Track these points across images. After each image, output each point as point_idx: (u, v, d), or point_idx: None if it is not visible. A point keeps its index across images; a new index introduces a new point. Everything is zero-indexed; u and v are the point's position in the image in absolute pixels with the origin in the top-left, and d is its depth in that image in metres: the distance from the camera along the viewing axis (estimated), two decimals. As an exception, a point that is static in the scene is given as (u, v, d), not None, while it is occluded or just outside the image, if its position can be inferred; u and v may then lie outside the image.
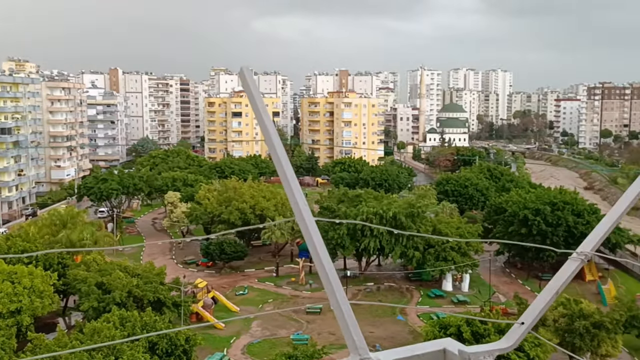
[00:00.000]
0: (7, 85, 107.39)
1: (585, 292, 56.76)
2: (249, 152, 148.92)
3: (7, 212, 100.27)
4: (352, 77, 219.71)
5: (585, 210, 66.51)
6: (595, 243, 3.19)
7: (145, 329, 37.08)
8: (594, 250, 3.19)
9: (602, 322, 39.40)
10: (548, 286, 3.26)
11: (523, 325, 3.26)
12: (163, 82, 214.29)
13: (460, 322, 37.30)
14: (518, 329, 3.26)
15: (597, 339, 39.14)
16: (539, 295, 3.29)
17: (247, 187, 79.08)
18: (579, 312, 40.12)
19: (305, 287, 63.33)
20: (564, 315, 40.09)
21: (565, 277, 3.22)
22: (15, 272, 41.86)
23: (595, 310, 41.13)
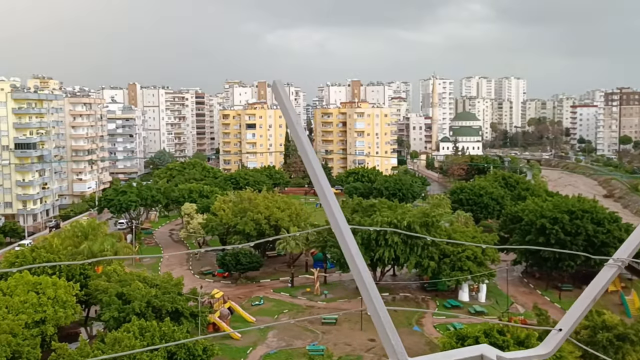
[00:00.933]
0: (32, 102, 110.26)
1: (608, 303, 55.48)
2: (263, 163, 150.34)
3: (32, 224, 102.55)
4: (364, 88, 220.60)
5: (605, 218, 65.31)
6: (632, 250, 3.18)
7: (164, 338, 38.03)
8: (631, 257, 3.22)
9: (627, 334, 38.34)
10: (585, 293, 3.24)
11: (561, 332, 3.20)
12: (179, 95, 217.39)
13: (477, 333, 37.14)
14: (556, 336, 3.22)
15: (621, 351, 38.08)
16: (576, 301, 3.26)
17: (261, 198, 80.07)
18: (601, 324, 39.11)
19: (321, 298, 63.87)
20: (586, 327, 39.20)
21: (602, 284, 3.17)
22: (39, 283, 43.13)
23: (619, 321, 40.10)
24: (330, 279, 70.24)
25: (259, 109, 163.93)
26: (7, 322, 36.21)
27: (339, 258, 63.70)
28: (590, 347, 38.05)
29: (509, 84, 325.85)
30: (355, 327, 54.86)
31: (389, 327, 3.01)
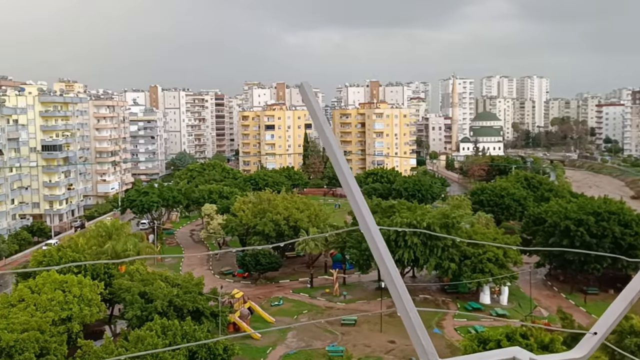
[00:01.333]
0: (58, 105, 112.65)
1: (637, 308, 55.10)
2: (282, 164, 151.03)
3: (58, 224, 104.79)
4: (383, 88, 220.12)
5: (633, 220, 63.85)
6: None
7: (186, 337, 38.65)
8: None
9: (657, 340, 37.24)
10: (622, 295, 3.19)
11: (596, 335, 3.14)
12: (199, 97, 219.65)
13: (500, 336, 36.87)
14: (591, 339, 3.15)
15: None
16: (611, 304, 3.21)
17: (280, 198, 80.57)
18: (629, 329, 37.92)
19: (340, 299, 64.05)
20: (613, 331, 38.78)
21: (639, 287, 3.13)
22: (66, 282, 44.16)
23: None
24: (350, 280, 70.42)
25: (278, 110, 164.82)
26: (35, 319, 37.22)
27: (357, 259, 63.89)
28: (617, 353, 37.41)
29: (531, 83, 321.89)
30: (375, 329, 54.95)
31: (420, 327, 2.98)
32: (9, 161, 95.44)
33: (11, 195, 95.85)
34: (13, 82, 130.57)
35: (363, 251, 62.75)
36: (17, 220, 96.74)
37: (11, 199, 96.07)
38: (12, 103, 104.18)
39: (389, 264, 3.00)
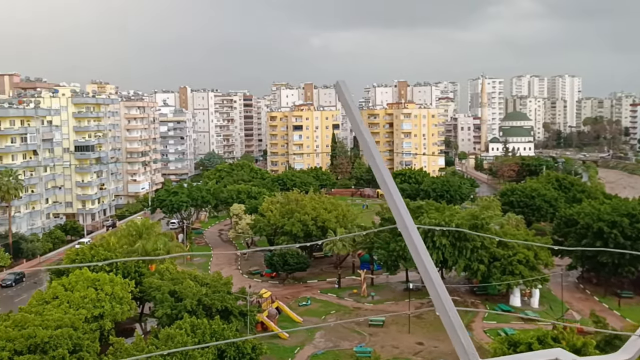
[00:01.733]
0: (90, 106, 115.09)
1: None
2: (310, 164, 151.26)
3: (91, 223, 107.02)
4: (410, 88, 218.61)
5: (669, 222, 62.03)
6: None
7: (214, 336, 38.95)
8: None
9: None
10: None
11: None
12: (228, 98, 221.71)
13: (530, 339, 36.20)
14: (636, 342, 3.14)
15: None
16: None
17: (308, 199, 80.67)
18: None
19: (367, 299, 63.82)
20: None
21: None
22: (98, 280, 45.03)
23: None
24: (377, 280, 70.08)
25: (306, 111, 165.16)
26: (68, 316, 38.02)
27: (385, 260, 63.54)
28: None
29: (562, 82, 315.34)
30: (403, 330, 54.56)
31: (460, 327, 2.95)
32: (43, 161, 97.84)
33: (45, 194, 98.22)
34: (47, 84, 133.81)
35: (391, 252, 62.37)
36: (51, 219, 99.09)
37: (45, 199, 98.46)
38: (47, 104, 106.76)
39: (427, 264, 2.95)
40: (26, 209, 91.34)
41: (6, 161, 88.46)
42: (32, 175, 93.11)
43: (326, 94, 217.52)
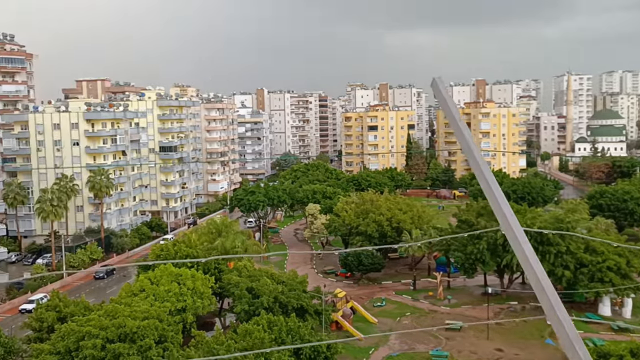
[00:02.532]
0: (174, 109, 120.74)
1: None
2: (385, 165, 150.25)
3: (173, 220, 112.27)
4: (489, 87, 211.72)
5: None
6: None
7: (290, 333, 39.61)
8: None
9: None
10: None
11: None
12: (303, 99, 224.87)
13: (622, 351, 34.04)
14: None
15: None
16: None
17: (383, 199, 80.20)
18: None
19: (444, 302, 62.56)
20: None
21: None
22: (180, 275, 47.13)
23: None
24: (454, 283, 68.54)
25: (381, 111, 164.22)
26: (154, 308, 40.07)
27: (463, 262, 61.97)
28: None
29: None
30: (481, 336, 53.00)
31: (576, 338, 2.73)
32: (131, 161, 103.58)
33: (133, 192, 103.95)
34: (135, 88, 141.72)
35: (468, 255, 60.78)
36: (138, 216, 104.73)
37: (133, 197, 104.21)
38: (134, 107, 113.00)
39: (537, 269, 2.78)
40: (116, 206, 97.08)
41: (98, 161, 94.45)
42: (121, 175, 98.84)
43: (401, 93, 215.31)
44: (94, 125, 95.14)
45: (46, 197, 78.35)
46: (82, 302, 44.22)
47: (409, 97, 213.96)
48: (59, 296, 44.02)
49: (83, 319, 38.35)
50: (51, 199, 78.19)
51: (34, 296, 64.53)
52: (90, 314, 39.80)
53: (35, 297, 63.38)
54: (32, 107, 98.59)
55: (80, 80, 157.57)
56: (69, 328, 36.95)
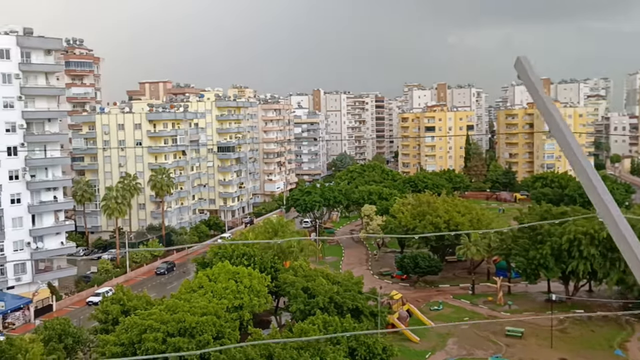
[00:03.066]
0: (232, 109, 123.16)
1: None
2: (443, 166, 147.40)
3: (231, 219, 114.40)
4: (554, 86, 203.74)
5: None
6: None
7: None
8: None
9: None
10: None
11: None
12: (359, 100, 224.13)
13: None
14: None
15: None
16: None
17: (441, 201, 78.60)
18: None
19: (504, 308, 60.53)
20: None
21: None
22: (238, 273, 47.77)
23: None
24: (515, 289, 66.21)
25: (439, 112, 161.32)
26: (212, 304, 40.77)
27: (525, 268, 59.74)
28: None
29: None
30: (544, 344, 50.86)
31: None
32: (190, 161, 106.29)
33: (192, 192, 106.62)
34: (195, 89, 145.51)
35: (531, 260, 58.55)
36: (197, 215, 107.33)
37: (192, 195, 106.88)
38: (194, 108, 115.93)
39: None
40: (176, 205, 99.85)
41: (160, 160, 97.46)
42: (180, 174, 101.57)
43: (460, 94, 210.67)
44: (156, 125, 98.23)
45: (111, 195, 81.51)
46: (144, 297, 45.59)
47: (467, 98, 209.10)
48: (123, 290, 45.57)
49: (145, 313, 39.51)
50: (116, 196, 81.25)
51: (100, 289, 67.32)
52: (152, 309, 40.95)
53: (101, 290, 66.09)
54: (99, 109, 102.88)
55: (143, 82, 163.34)
56: (132, 321, 38.15)
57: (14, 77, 64.12)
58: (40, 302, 62.67)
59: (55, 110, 68.79)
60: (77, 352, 42.94)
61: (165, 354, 35.83)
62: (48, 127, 67.86)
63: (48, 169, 67.76)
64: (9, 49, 64.00)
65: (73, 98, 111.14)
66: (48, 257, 66.76)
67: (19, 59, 64.67)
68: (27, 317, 59.98)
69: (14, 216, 63.89)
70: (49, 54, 68.04)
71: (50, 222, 67.07)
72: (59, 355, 34.77)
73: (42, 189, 66.61)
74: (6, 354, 32.49)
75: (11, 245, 63.41)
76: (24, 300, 60.06)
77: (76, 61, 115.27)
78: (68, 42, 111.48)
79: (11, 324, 57.95)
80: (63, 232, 69.10)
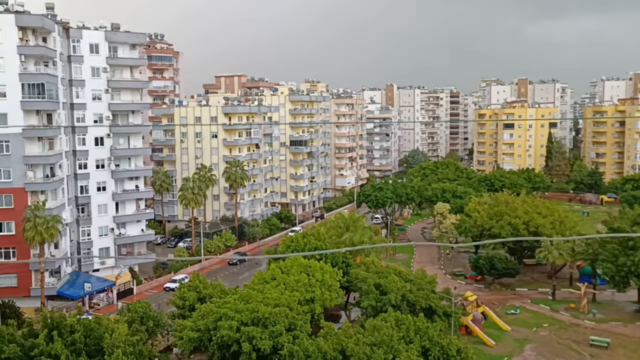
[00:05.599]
0: (305, 104, 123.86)
1: None
2: (521, 165, 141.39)
3: (301, 213, 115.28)
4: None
5: None
6: None
7: (419, 333, 38.16)
8: None
9: None
10: None
11: None
12: (434, 95, 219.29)
13: None
14: None
15: None
16: None
17: (520, 201, 75.14)
18: None
19: (588, 316, 56.95)
20: None
21: None
22: (310, 266, 47.66)
23: None
24: (600, 297, 62.14)
25: (519, 108, 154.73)
26: (284, 296, 40.84)
27: (613, 275, 55.83)
28: None
29: None
30: (634, 356, 47.31)
31: None
32: (263, 154, 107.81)
33: (264, 184, 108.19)
34: (268, 83, 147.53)
35: (620, 266, 54.61)
36: (268, 207, 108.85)
37: (264, 188, 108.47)
38: (267, 102, 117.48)
39: None
40: (248, 197, 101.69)
41: (234, 153, 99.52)
42: (254, 167, 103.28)
43: (542, 89, 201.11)
44: (231, 118, 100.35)
45: (188, 186, 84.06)
46: (219, 285, 46.42)
47: (551, 93, 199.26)
48: (199, 278, 46.63)
49: (220, 301, 40.16)
50: (192, 187, 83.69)
51: (177, 276, 69.64)
52: (227, 297, 41.58)
53: (177, 277, 68.38)
54: (177, 102, 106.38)
55: (219, 75, 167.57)
56: (208, 308, 38.89)
57: (102, 71, 67.29)
58: (122, 285, 65.66)
59: (138, 103, 71.62)
60: (156, 334, 44.45)
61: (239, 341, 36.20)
62: (132, 119, 70.78)
63: (131, 159, 70.74)
64: (98, 44, 67.22)
65: (153, 91, 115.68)
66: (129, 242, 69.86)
67: (106, 54, 67.76)
68: (111, 299, 63.00)
69: (100, 203, 67.24)
70: (134, 49, 70.85)
71: (132, 209, 70.05)
72: (141, 336, 35.98)
73: (125, 178, 69.66)
74: (94, 332, 33.97)
75: (97, 231, 66.82)
76: (108, 283, 63.10)
77: (157, 55, 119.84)
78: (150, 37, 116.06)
79: (96, 305, 61.08)
80: (143, 220, 72.02)
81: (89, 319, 36.14)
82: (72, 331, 34.06)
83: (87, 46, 66.42)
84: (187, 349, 38.74)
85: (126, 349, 33.01)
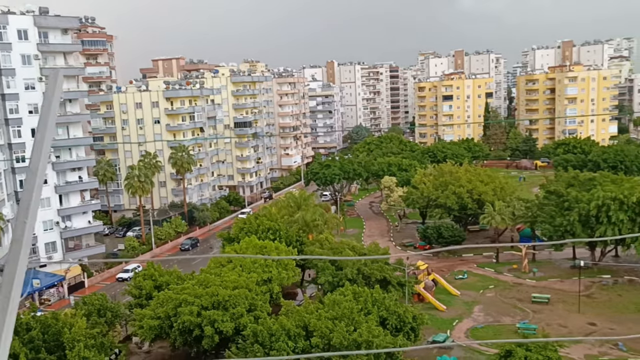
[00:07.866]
0: (247, 84, 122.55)
1: None
2: (461, 135, 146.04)
3: (249, 194, 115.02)
4: (577, 49, 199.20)
5: None
6: None
7: (376, 304, 39.65)
8: None
9: None
10: None
11: None
12: (374, 70, 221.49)
13: None
14: None
15: None
16: None
17: (463, 171, 78.11)
18: None
19: (529, 275, 60.55)
20: None
21: None
22: (265, 247, 48.22)
23: None
24: (539, 256, 66.05)
25: (456, 80, 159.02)
26: (242, 278, 41.30)
27: (551, 235, 59.43)
28: None
29: None
30: (572, 310, 50.93)
31: None
32: (208, 137, 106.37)
33: (211, 168, 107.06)
34: (208, 65, 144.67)
35: (557, 227, 58.17)
36: (216, 191, 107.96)
37: (211, 172, 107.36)
38: (209, 84, 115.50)
39: None
40: (196, 182, 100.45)
41: (178, 137, 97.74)
42: (199, 151, 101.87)
43: (478, 60, 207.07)
44: (173, 103, 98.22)
45: (134, 174, 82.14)
46: (175, 272, 46.29)
47: (486, 64, 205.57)
48: (153, 266, 46.27)
49: (178, 288, 40.19)
50: (138, 175, 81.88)
51: (129, 266, 68.49)
52: (184, 283, 41.60)
53: (130, 267, 67.25)
54: (115, 88, 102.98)
55: (156, 59, 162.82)
56: (167, 295, 38.85)
57: (34, 58, 64.28)
58: (73, 279, 64.06)
59: (75, 91, 69.06)
60: (115, 325, 44.01)
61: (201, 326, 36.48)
62: (69, 108, 68.24)
63: (72, 150, 68.41)
64: (26, 30, 64.02)
65: (89, 78, 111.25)
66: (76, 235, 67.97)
67: (37, 40, 64.69)
68: (62, 293, 61.44)
69: (42, 197, 64.82)
70: (66, 33, 67.93)
71: (77, 201, 68.04)
72: (101, 329, 35.65)
73: (67, 169, 67.39)
74: (52, 328, 33.38)
75: (41, 225, 64.58)
76: (57, 278, 61.43)
77: (90, 40, 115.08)
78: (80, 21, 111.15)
79: (47, 300, 59.44)
80: (90, 211, 70.13)
81: (45, 316, 35.42)
82: (29, 329, 33.35)
83: (15, 32, 63.12)
84: (148, 337, 38.69)
85: (87, 342, 32.69)
